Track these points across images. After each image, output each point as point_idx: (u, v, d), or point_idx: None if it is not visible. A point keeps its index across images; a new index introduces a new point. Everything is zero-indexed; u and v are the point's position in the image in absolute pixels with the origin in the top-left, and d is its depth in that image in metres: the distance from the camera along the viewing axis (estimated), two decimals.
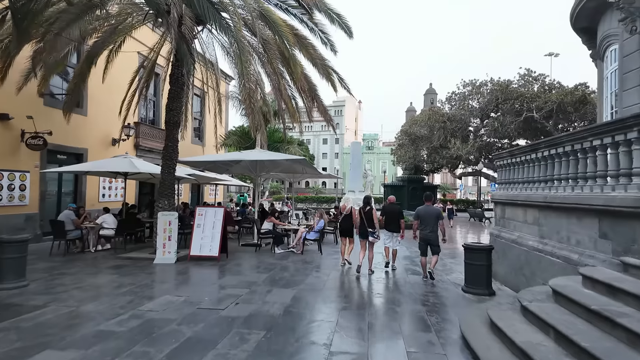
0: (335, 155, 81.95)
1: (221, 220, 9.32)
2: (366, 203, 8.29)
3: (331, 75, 10.88)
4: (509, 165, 7.61)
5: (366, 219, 8.01)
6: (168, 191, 10.22)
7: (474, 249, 6.73)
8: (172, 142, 10.44)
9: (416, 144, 29.90)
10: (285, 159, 10.77)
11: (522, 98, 25.12)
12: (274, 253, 10.52)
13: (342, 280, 7.70)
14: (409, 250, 11.55)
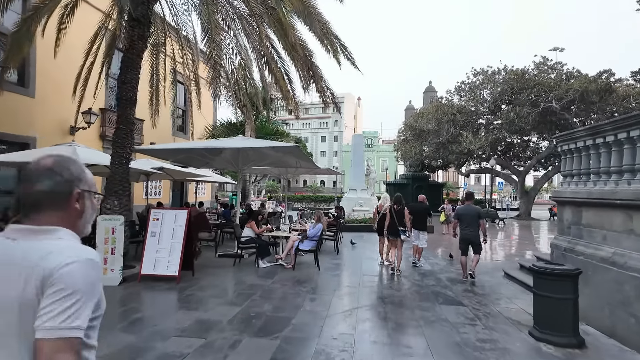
0: (334, 153, 79.44)
1: (183, 226, 6.95)
2: (398, 202, 8.10)
3: (331, 40, 8.48)
4: (591, 149, 5.25)
5: (397, 217, 7.93)
6: (119, 188, 7.85)
7: (552, 274, 4.39)
8: (125, 125, 8.08)
9: (422, 138, 27.57)
10: (273, 147, 8.38)
11: (539, 87, 22.81)
12: (258, 267, 8.17)
13: (349, 315, 5.33)
14: (429, 261, 9.21)
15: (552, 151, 27.16)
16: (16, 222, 1.09)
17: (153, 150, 9.44)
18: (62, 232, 1.08)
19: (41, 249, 1.01)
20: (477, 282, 7.42)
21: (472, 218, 7.34)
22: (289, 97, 10.21)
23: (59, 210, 1.10)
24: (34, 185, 1.08)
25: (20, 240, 1.04)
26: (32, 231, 1.05)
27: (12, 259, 1.01)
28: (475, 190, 66.34)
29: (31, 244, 1.03)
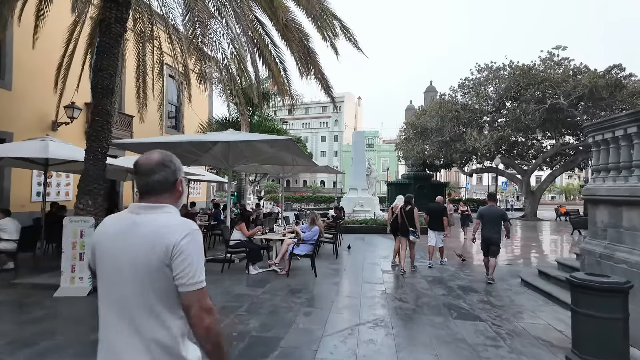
0: (334, 153, 78.62)
1: None
2: (407, 202, 8.06)
3: (330, 21, 7.67)
4: (634, 138, 4.45)
5: (407, 217, 7.92)
6: (94, 186, 7.07)
7: (597, 288, 3.58)
8: (101, 116, 7.30)
9: (424, 137, 26.78)
10: (265, 140, 7.58)
11: (546, 83, 22.01)
12: (248, 274, 7.37)
13: (349, 335, 4.53)
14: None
15: (558, 149, 26.38)
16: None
17: (132, 145, 8.64)
18: (169, 207, 1.44)
19: (159, 221, 1.36)
20: (494, 291, 6.62)
21: (494, 219, 7.20)
22: (285, 89, 9.42)
23: (167, 192, 1.46)
24: (150, 176, 1.42)
25: (142, 214, 1.39)
26: (150, 207, 1.40)
27: (138, 229, 1.35)
28: (478, 191, 65.68)
29: (150, 217, 1.37)
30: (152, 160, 1.43)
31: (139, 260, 1.30)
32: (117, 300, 1.33)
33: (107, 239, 1.38)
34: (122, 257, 1.32)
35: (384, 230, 15.05)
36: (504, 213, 7.45)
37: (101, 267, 1.38)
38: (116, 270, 1.33)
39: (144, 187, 1.42)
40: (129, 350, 1.29)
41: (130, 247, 1.32)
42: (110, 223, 1.43)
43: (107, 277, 1.36)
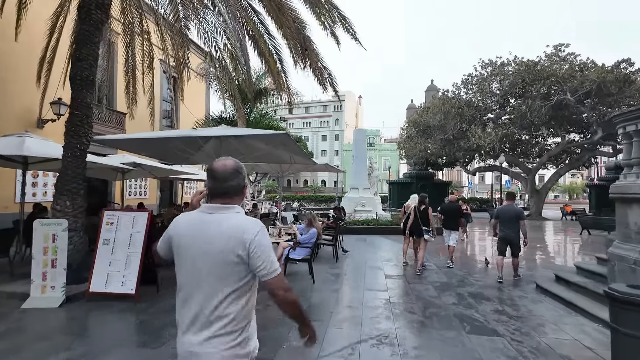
0: (335, 152, 78.05)
1: (143, 232, 5.58)
2: (422, 202, 8.02)
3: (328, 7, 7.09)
4: None
5: (421, 217, 7.88)
6: (72, 185, 6.51)
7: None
8: (80, 110, 6.74)
9: (427, 134, 26.17)
10: (257, 134, 7.00)
11: (553, 78, 21.38)
12: None
13: (349, 355, 3.96)
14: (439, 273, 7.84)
15: (564, 147, 25.75)
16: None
17: (115, 141, 8.06)
18: (238, 208, 1.69)
19: (233, 220, 1.62)
20: (508, 299, 6.04)
21: (511, 218, 7.11)
22: (281, 82, 8.83)
23: (237, 195, 1.70)
24: (227, 181, 1.66)
25: (214, 214, 1.64)
26: (222, 208, 1.65)
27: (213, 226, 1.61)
28: (480, 190, 65.00)
29: (223, 216, 1.63)
30: (228, 168, 1.66)
31: (218, 250, 1.56)
32: (197, 283, 1.58)
33: (184, 233, 1.64)
34: (199, 248, 1.59)
35: (386, 231, 14.51)
36: (521, 212, 7.24)
37: (181, 256, 1.65)
38: (194, 259, 1.60)
39: (219, 190, 1.66)
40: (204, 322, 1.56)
41: (209, 240, 1.57)
42: (185, 220, 1.70)
43: (186, 265, 1.63)
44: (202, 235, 1.60)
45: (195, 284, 1.60)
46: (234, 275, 1.58)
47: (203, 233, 1.60)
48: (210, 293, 1.58)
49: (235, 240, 1.56)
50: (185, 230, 1.66)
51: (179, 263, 1.67)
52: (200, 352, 1.56)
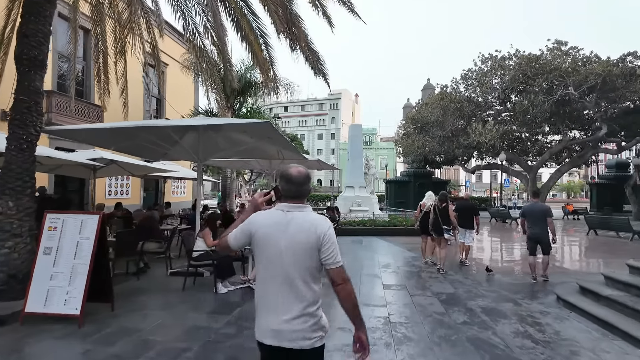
0: (331, 151, 77.11)
1: (92, 239, 4.62)
2: (442, 200, 7.90)
3: None
4: None
5: (441, 215, 7.75)
6: (17, 183, 5.54)
7: None
8: (27, 95, 5.77)
9: (425, 131, 25.29)
10: (236, 124, 6.06)
11: (556, 72, 20.55)
12: (216, 293, 5.87)
13: None
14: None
15: (566, 145, 24.98)
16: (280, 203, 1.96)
17: (69, 131, 7.05)
18: (309, 207, 1.96)
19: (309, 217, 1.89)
20: (529, 316, 5.14)
21: (539, 216, 7.03)
22: (266, 67, 7.89)
23: (306, 197, 1.97)
24: (302, 186, 1.93)
25: (292, 212, 1.89)
26: (298, 207, 1.91)
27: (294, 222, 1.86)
28: (477, 189, 64.39)
29: (300, 214, 1.89)
30: (302, 174, 1.95)
31: (297, 243, 1.83)
32: (280, 271, 1.84)
33: (267, 228, 1.88)
34: (283, 241, 1.84)
35: (383, 232, 13.60)
36: (548, 209, 7.14)
37: (264, 248, 1.88)
38: (278, 250, 1.83)
39: (296, 193, 1.93)
40: (287, 304, 1.83)
41: (290, 234, 1.84)
42: (265, 217, 1.92)
43: (270, 255, 1.86)
44: (284, 230, 1.84)
45: (279, 271, 1.83)
46: (311, 262, 1.84)
47: (285, 228, 1.84)
48: (291, 278, 1.82)
49: (312, 234, 1.83)
50: (267, 225, 1.87)
51: (261, 253, 1.88)
52: (285, 330, 1.80)
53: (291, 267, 1.82)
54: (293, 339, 1.79)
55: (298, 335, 1.80)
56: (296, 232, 1.83)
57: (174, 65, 17.34)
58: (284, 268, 1.82)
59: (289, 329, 1.79)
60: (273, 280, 1.84)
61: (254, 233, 1.89)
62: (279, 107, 76.28)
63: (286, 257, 1.82)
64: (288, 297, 1.81)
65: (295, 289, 1.81)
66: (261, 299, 1.89)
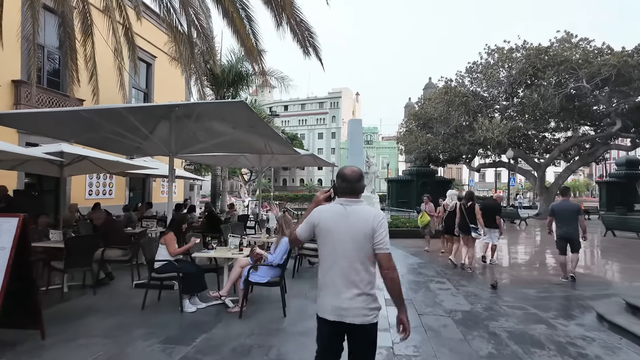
0: (331, 150, 76.03)
1: (8, 249, 3.57)
2: (468, 198, 7.93)
3: None
4: None
5: (467, 214, 7.65)
6: None
7: None
8: None
9: (428, 127, 24.19)
10: (205, 104, 5.00)
11: (567, 64, 19.43)
12: (182, 313, 4.81)
13: None
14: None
15: (576, 141, 23.87)
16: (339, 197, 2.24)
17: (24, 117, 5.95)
18: (363, 201, 2.23)
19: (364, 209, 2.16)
20: (568, 342, 4.07)
21: (570, 215, 6.84)
22: (250, 45, 6.82)
23: (360, 193, 2.24)
24: (356, 183, 2.20)
25: (350, 205, 2.16)
26: (354, 201, 2.18)
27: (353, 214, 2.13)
28: (480, 188, 63.33)
29: (356, 207, 2.15)
30: (356, 173, 2.23)
31: (357, 231, 2.09)
32: (342, 255, 2.10)
33: (330, 219, 2.15)
34: (344, 230, 2.10)
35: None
36: (579, 207, 6.98)
37: (327, 236, 2.14)
38: (340, 238, 2.10)
39: (351, 189, 2.19)
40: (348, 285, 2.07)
41: (350, 224, 2.10)
42: (327, 210, 2.19)
43: (333, 242, 2.13)
44: (345, 221, 2.12)
45: (341, 256, 2.11)
46: (368, 248, 2.09)
47: (345, 219, 2.13)
48: (352, 262, 2.09)
49: (368, 223, 2.10)
50: (330, 218, 2.16)
51: (325, 242, 2.16)
52: (347, 307, 2.06)
53: (352, 252, 2.09)
54: (353, 315, 2.06)
55: (358, 312, 2.06)
56: (355, 221, 2.11)
57: (163, 59, 16.30)
58: (345, 253, 2.09)
59: (350, 306, 2.06)
60: (335, 264, 2.11)
61: (317, 224, 2.16)
62: (278, 106, 75.32)
63: (347, 243, 2.09)
64: (349, 279, 2.08)
65: (355, 271, 2.08)
66: (324, 281, 2.16)
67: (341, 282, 2.08)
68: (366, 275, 2.09)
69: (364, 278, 2.08)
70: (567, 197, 7.23)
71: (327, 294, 2.13)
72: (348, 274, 2.07)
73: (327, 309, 2.12)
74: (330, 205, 2.21)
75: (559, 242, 7.05)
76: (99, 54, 9.15)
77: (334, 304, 2.09)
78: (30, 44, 7.72)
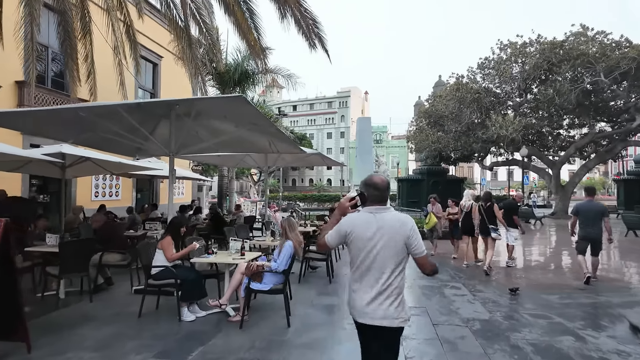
0: (340, 150, 75.61)
1: None
2: (487, 199, 7.75)
3: None
4: None
5: (487, 215, 7.53)
6: None
7: None
8: None
9: (440, 125, 23.65)
10: (205, 98, 4.69)
11: (583, 58, 18.76)
12: (180, 322, 4.53)
13: None
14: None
15: (593, 138, 23.10)
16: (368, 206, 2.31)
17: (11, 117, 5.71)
18: (391, 208, 2.32)
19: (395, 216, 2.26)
20: (599, 357, 3.67)
21: (595, 215, 6.62)
22: (252, 40, 6.51)
23: (387, 200, 2.33)
24: (385, 191, 2.31)
25: (380, 213, 2.25)
26: (383, 209, 2.27)
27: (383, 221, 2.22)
28: (493, 187, 62.27)
29: (387, 214, 2.25)
30: (385, 182, 2.34)
31: (389, 238, 2.19)
32: (373, 262, 2.21)
33: (362, 227, 2.23)
34: (376, 237, 2.19)
35: None
36: (605, 209, 6.74)
37: (359, 244, 2.24)
38: (372, 245, 2.19)
39: (380, 197, 2.29)
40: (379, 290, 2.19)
41: (382, 231, 2.19)
42: (357, 218, 2.28)
43: (365, 249, 2.22)
44: (377, 228, 2.20)
45: (373, 262, 2.21)
46: (400, 255, 2.21)
47: (376, 226, 2.21)
48: (384, 268, 2.20)
49: (400, 230, 2.21)
50: (362, 226, 2.23)
51: (357, 248, 2.25)
52: (376, 309, 2.19)
53: (383, 259, 2.21)
54: (382, 317, 2.19)
55: (386, 314, 2.19)
56: (387, 228, 2.21)
57: (169, 59, 16.12)
58: (377, 260, 2.21)
59: (379, 309, 2.19)
60: (368, 269, 2.24)
61: (349, 232, 2.27)
62: (287, 106, 75.19)
63: (379, 250, 2.20)
64: (380, 283, 2.20)
65: (386, 277, 2.20)
66: (356, 285, 2.29)
67: (373, 286, 2.21)
68: (396, 281, 2.22)
69: (393, 284, 2.21)
70: (592, 197, 6.98)
71: (358, 297, 2.26)
72: (379, 279, 2.20)
73: (359, 312, 2.26)
74: (359, 213, 2.30)
75: (580, 244, 6.85)
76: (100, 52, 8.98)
77: (365, 308, 2.22)
78: (29, 42, 7.56)
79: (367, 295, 2.21)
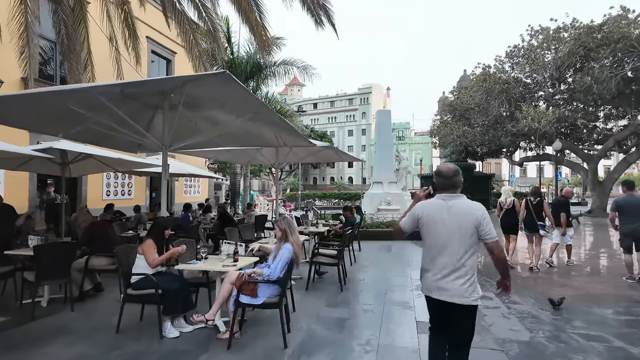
0: (362, 147, 74.48)
1: None
2: (536, 194, 7.51)
3: None
4: None
5: (535, 211, 7.25)
6: None
7: None
8: None
9: (466, 118, 22.42)
10: (189, 77, 4.01)
11: (626, 41, 17.18)
12: (162, 339, 3.91)
13: None
14: None
15: (635, 129, 21.31)
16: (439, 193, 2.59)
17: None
18: (463, 196, 2.53)
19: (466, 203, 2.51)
20: None
21: (638, 210, 6.31)
22: (255, 22, 5.84)
23: (459, 187, 2.56)
24: (451, 178, 2.54)
25: (451, 200, 2.51)
26: (454, 196, 2.52)
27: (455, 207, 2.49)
28: (522, 184, 59.72)
29: (458, 201, 2.50)
30: (452, 169, 2.57)
31: (461, 223, 2.43)
32: (447, 244, 2.46)
33: (433, 212, 2.52)
34: (448, 222, 2.45)
35: (418, 236, 11.31)
36: None
37: (431, 228, 2.53)
38: (444, 229, 2.45)
39: (447, 184, 2.54)
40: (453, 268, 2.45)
41: (453, 216, 2.45)
42: (429, 204, 2.56)
43: (437, 233, 2.49)
44: (448, 214, 2.47)
45: (446, 245, 2.46)
46: (471, 239, 2.44)
47: (448, 212, 2.47)
48: (456, 251, 2.45)
49: (471, 216, 2.44)
50: (433, 212, 2.52)
51: (430, 233, 2.54)
52: (449, 287, 2.44)
53: (455, 242, 2.44)
54: (453, 295, 2.44)
55: (457, 292, 2.43)
56: (459, 214, 2.46)
57: (183, 55, 15.76)
58: (450, 243, 2.45)
59: (451, 287, 2.44)
60: (440, 252, 2.49)
61: (421, 218, 2.56)
62: (307, 103, 74.72)
63: (452, 234, 2.45)
64: (452, 264, 2.45)
65: (458, 258, 2.44)
66: (428, 265, 2.57)
67: (446, 267, 2.47)
68: (468, 262, 2.45)
69: (465, 264, 2.45)
70: (633, 191, 6.68)
71: (431, 275, 2.54)
72: (452, 260, 2.45)
73: (430, 288, 2.54)
74: (431, 200, 2.58)
75: (624, 240, 6.57)
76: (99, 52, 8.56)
77: (438, 285, 2.49)
78: (24, 33, 7.18)
79: (438, 274, 2.49)
